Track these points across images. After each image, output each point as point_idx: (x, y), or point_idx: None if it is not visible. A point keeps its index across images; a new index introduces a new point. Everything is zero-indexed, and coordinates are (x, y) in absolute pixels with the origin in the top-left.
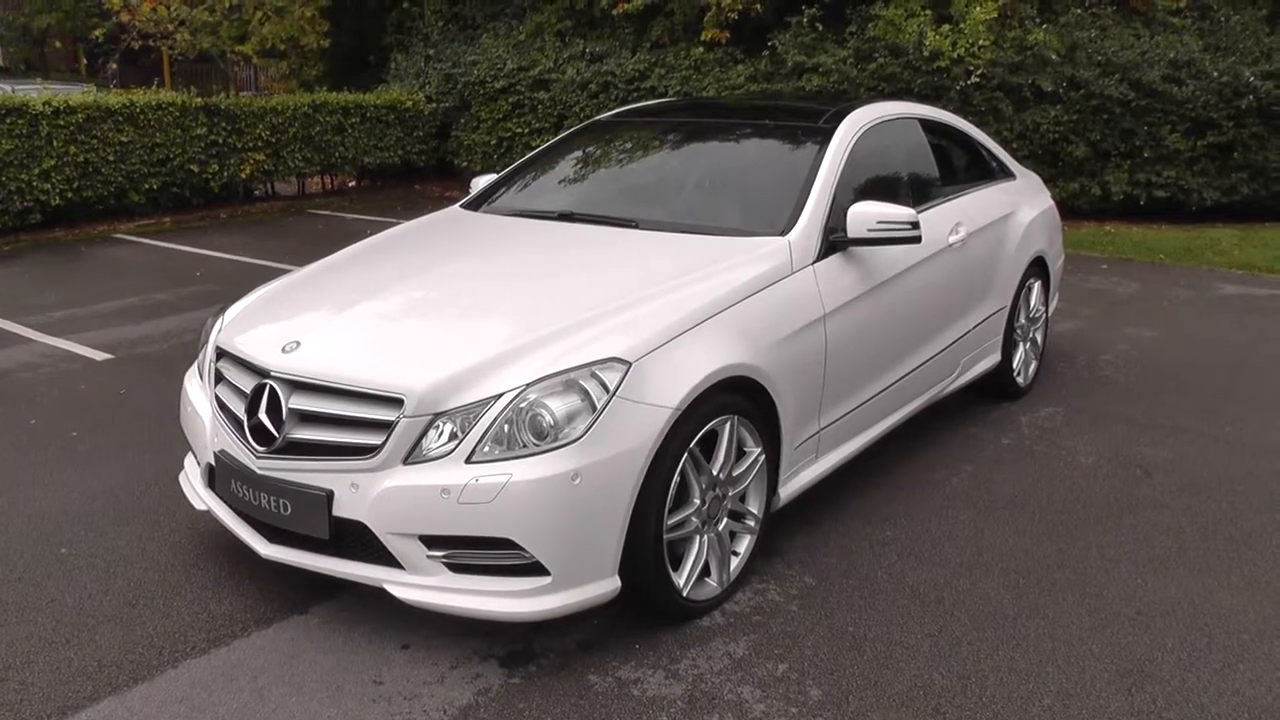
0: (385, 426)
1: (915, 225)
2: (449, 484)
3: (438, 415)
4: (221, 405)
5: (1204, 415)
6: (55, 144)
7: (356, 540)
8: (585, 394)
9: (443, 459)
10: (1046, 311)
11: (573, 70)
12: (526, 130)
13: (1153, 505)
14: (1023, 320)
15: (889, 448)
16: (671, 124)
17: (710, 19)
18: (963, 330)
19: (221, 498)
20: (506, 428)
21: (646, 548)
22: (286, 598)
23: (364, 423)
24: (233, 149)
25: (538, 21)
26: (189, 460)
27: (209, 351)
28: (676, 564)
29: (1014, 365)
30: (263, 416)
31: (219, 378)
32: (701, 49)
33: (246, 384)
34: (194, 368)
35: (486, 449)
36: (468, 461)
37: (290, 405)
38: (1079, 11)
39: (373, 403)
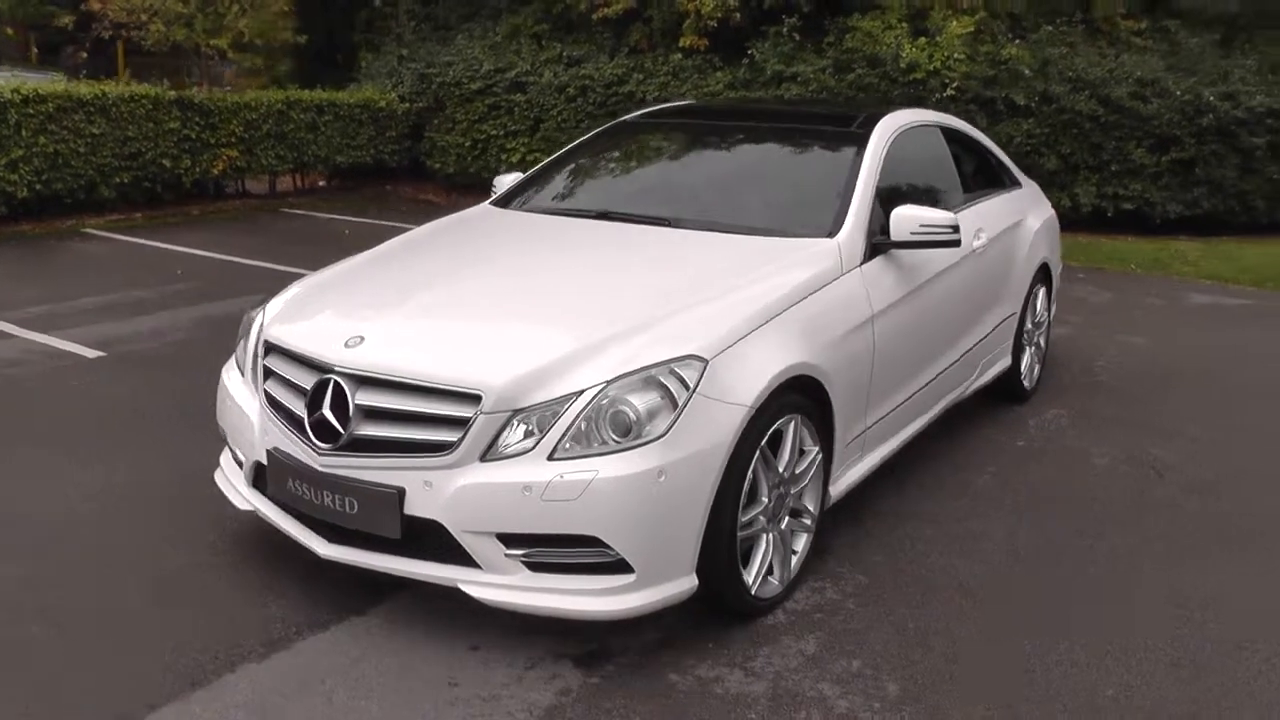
0: (461, 423)
1: (956, 229)
2: (531, 481)
3: (516, 412)
4: (273, 401)
5: (1201, 419)
6: (24, 133)
7: (428, 539)
8: (665, 391)
9: (522, 456)
10: (1049, 317)
11: (550, 73)
12: (502, 132)
13: (1170, 505)
14: (1029, 325)
15: (911, 449)
16: (702, 126)
17: (689, 26)
18: (982, 334)
19: (272, 497)
20: (588, 425)
21: (721, 545)
22: (339, 600)
23: (437, 419)
24: (206, 144)
25: (514, 24)
26: (225, 458)
27: (254, 346)
28: (744, 562)
29: (1022, 369)
30: (327, 413)
31: (267, 373)
32: (680, 55)
33: (305, 379)
34: (232, 363)
35: (568, 446)
36: (549, 459)
37: (357, 401)
38: (1050, 29)
39: (448, 399)
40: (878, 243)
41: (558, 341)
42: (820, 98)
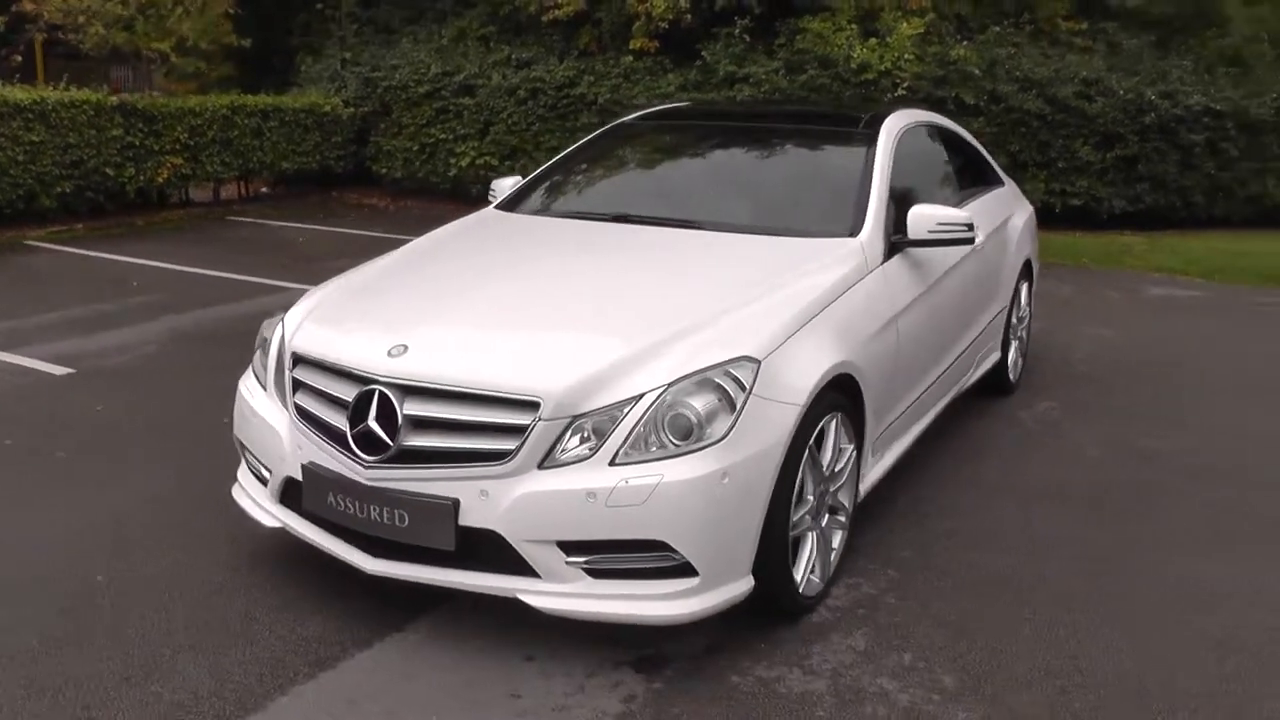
0: (518, 431)
1: (971, 227)
2: (595, 488)
3: (575, 418)
4: (305, 414)
5: (1183, 406)
6: None
7: (482, 550)
8: (723, 392)
9: (582, 462)
10: (1030, 312)
11: (499, 76)
12: (451, 136)
13: (1174, 492)
14: (1014, 320)
15: (916, 445)
16: (705, 127)
17: (639, 28)
18: (980, 329)
19: (306, 512)
20: (647, 429)
21: (775, 545)
22: (375, 616)
23: (492, 427)
24: (150, 151)
25: (460, 27)
26: (245, 474)
27: (276, 358)
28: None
29: (1009, 362)
30: (373, 424)
31: (296, 385)
32: (631, 58)
33: (345, 391)
34: (249, 375)
35: (629, 450)
36: (611, 464)
37: (405, 412)
38: (997, 29)
39: (503, 406)
40: (896, 241)
41: (610, 346)
42: (814, 98)
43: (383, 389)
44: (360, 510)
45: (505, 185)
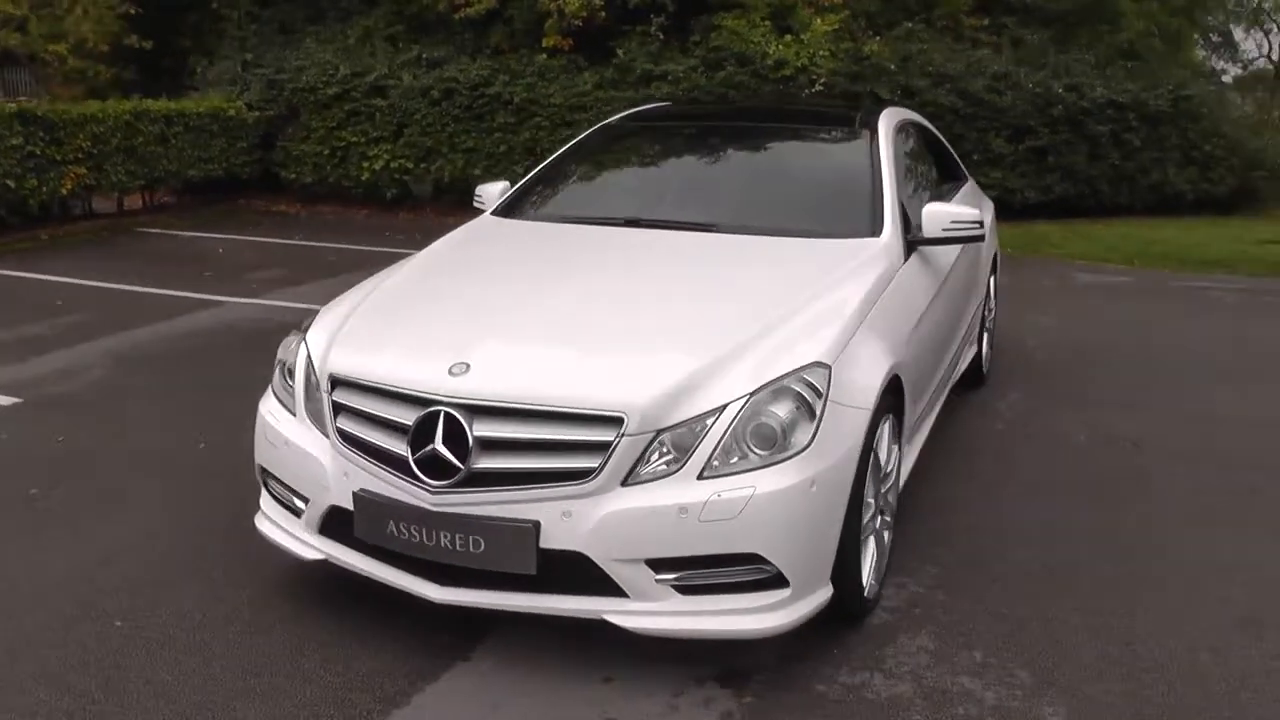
0: (601, 448)
1: (981, 224)
2: (687, 502)
3: (660, 432)
4: (351, 439)
5: (1147, 392)
6: None
7: (565, 572)
8: (801, 400)
9: (667, 478)
10: (995, 304)
11: (410, 76)
12: (363, 139)
13: (1165, 477)
14: (986, 313)
15: None
16: (701, 128)
17: (551, 26)
18: (967, 324)
19: (360, 543)
20: (732, 440)
21: (850, 550)
22: (431, 646)
23: (572, 445)
24: (51, 161)
25: (366, 26)
26: (271, 505)
27: (305, 380)
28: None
29: (983, 355)
30: (440, 448)
31: (337, 409)
32: (545, 56)
33: (403, 414)
34: (269, 400)
35: (717, 463)
36: (700, 478)
37: (476, 433)
38: (909, 25)
39: (583, 423)
40: (911, 240)
41: (684, 357)
42: (795, 95)
43: (448, 410)
44: (428, 537)
45: (493, 191)
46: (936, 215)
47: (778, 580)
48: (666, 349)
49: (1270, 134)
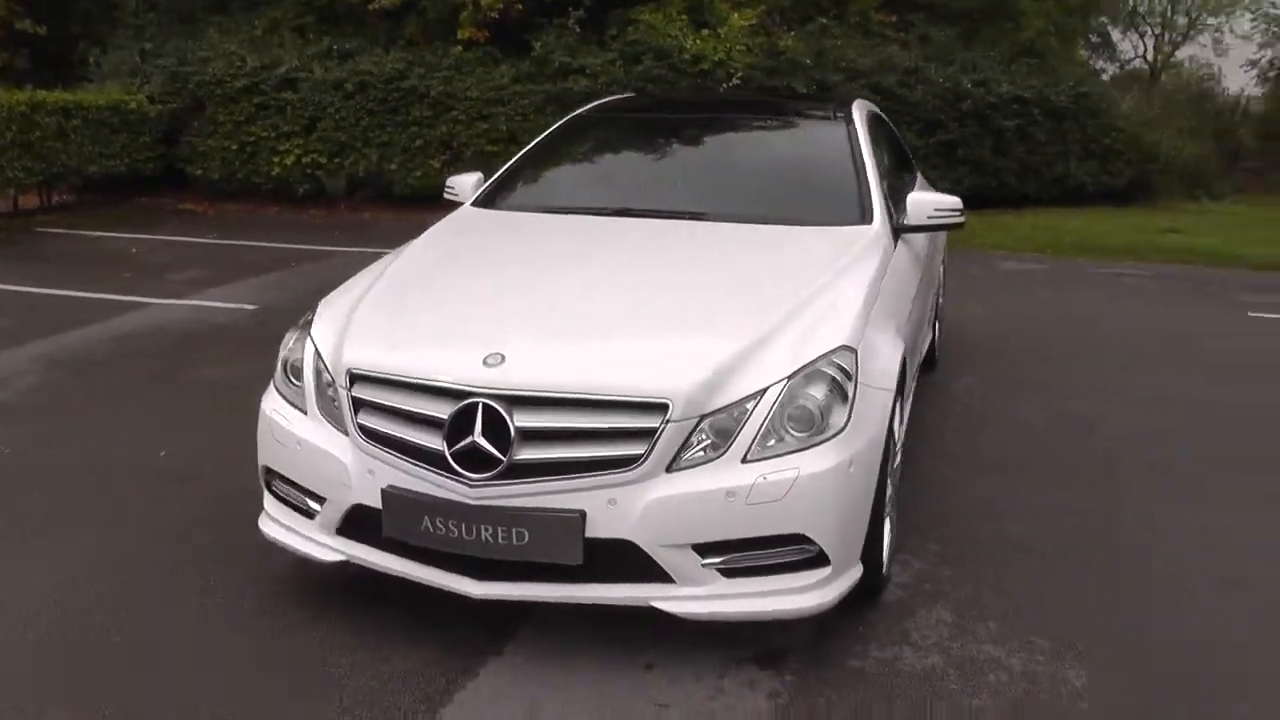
0: (645, 435)
1: (962, 211)
2: (734, 486)
3: (703, 417)
4: (374, 436)
5: (1091, 374)
6: None
7: (610, 561)
8: (833, 382)
9: (713, 462)
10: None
11: (321, 69)
12: (274, 134)
13: (1122, 454)
14: (940, 298)
15: None
16: (676, 117)
17: (466, 17)
18: (930, 308)
19: (385, 542)
20: (772, 424)
21: (876, 528)
22: (463, 643)
23: (616, 433)
24: None
25: (273, 17)
26: (277, 507)
27: (318, 378)
28: None
29: (935, 339)
30: (480, 440)
31: (357, 405)
32: (460, 48)
33: (436, 407)
34: (272, 398)
35: (759, 447)
36: (744, 461)
37: (517, 424)
38: (823, 21)
39: (628, 411)
40: (897, 227)
41: (721, 343)
42: (757, 85)
43: (487, 402)
44: (467, 532)
45: (467, 183)
46: (921, 203)
47: (819, 559)
48: (702, 335)
49: (1163, 130)
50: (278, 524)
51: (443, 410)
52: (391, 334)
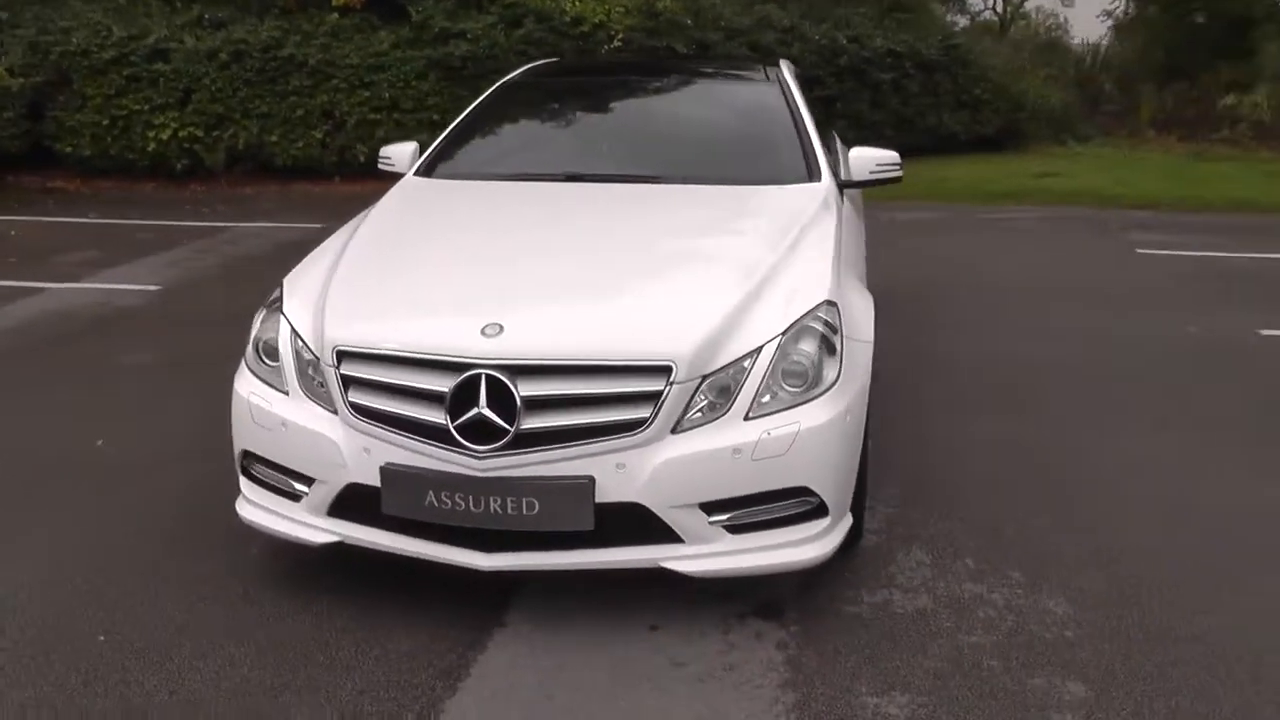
0: (651, 398)
1: (900, 165)
2: (740, 443)
3: (705, 378)
4: (367, 413)
5: (1003, 312)
6: None
7: (620, 525)
8: (821, 337)
9: (715, 421)
10: None
11: (192, 38)
12: (147, 107)
13: (1050, 386)
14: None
15: None
16: (609, 80)
17: None
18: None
19: (381, 520)
20: (769, 380)
21: (862, 478)
22: (463, 616)
23: (621, 397)
24: None
25: None
26: (257, 493)
27: (304, 355)
28: None
29: None
30: (486, 411)
31: (346, 383)
32: (336, 15)
33: (435, 381)
34: (247, 380)
35: (758, 404)
36: (746, 419)
37: (523, 393)
38: None
39: (632, 374)
40: (842, 183)
41: (713, 303)
42: (638, 46)
43: (490, 373)
44: (475, 504)
45: (404, 152)
46: (863, 158)
47: (819, 510)
48: (694, 296)
49: (1029, 78)
50: (259, 508)
51: (443, 383)
52: (376, 309)
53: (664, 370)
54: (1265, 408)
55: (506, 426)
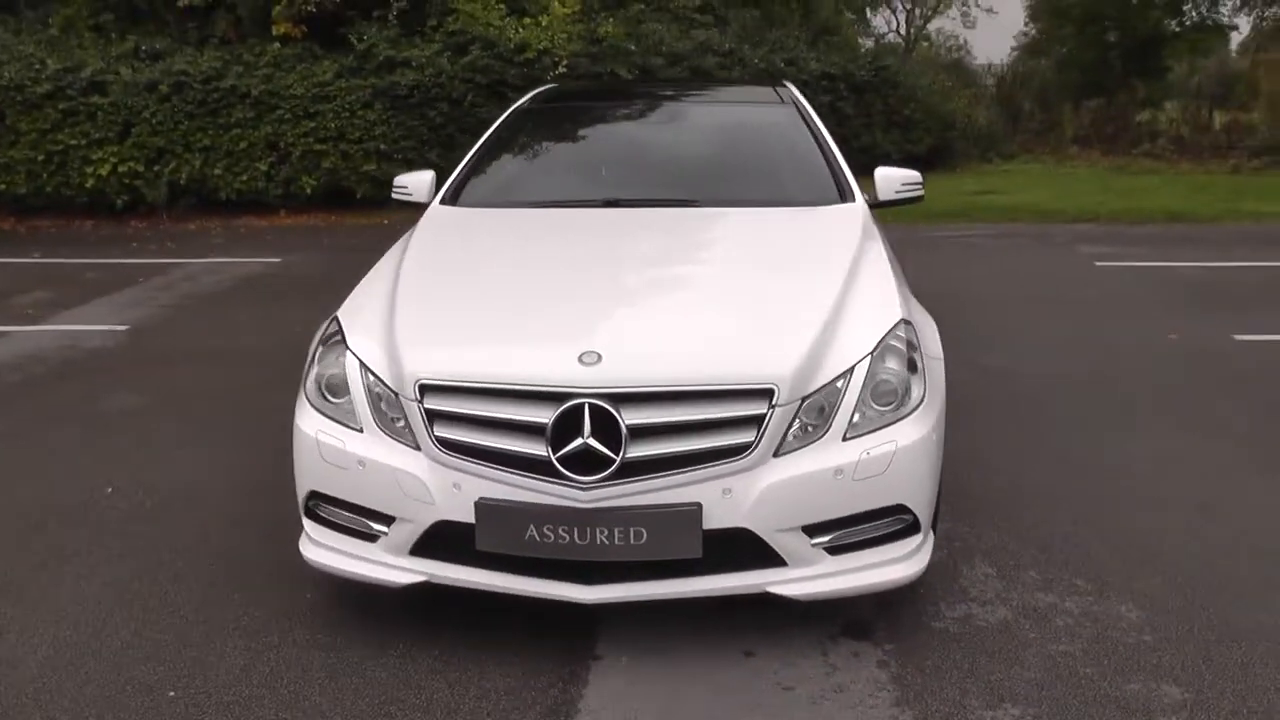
0: (754, 422)
1: (921, 184)
2: (842, 464)
3: (804, 399)
4: (457, 447)
5: (988, 328)
6: None
7: (726, 551)
8: (902, 355)
9: (815, 443)
10: None
11: (129, 70)
12: (84, 141)
13: (1046, 397)
14: None
15: None
16: (625, 106)
17: (280, 12)
18: None
19: (473, 556)
20: (861, 400)
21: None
22: (552, 650)
23: (725, 422)
24: None
25: (67, 15)
26: (324, 534)
27: (377, 391)
28: None
29: None
30: (591, 441)
31: (431, 417)
32: (277, 45)
33: (532, 412)
34: (318, 418)
35: (853, 424)
36: (844, 439)
37: (628, 421)
38: (640, 7)
39: (735, 399)
40: (872, 203)
41: (803, 325)
42: (582, 73)
43: (595, 401)
44: (580, 536)
45: (421, 181)
46: (890, 178)
47: (913, 528)
48: (783, 319)
49: (957, 99)
50: (329, 550)
51: (542, 414)
52: (456, 340)
53: (766, 393)
54: (1267, 410)
55: (612, 456)
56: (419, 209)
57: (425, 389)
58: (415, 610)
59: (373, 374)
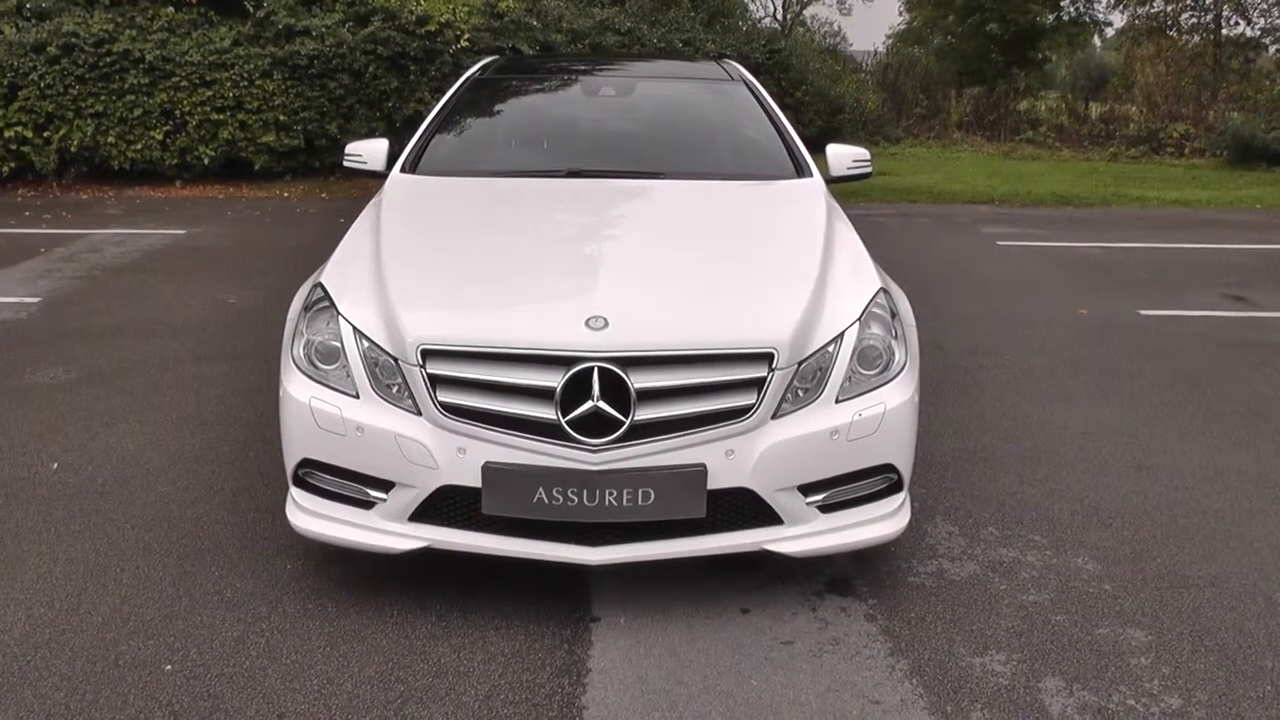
0: (755, 384)
1: (870, 161)
2: (836, 425)
3: (800, 363)
4: (462, 412)
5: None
6: None
7: (728, 510)
8: (883, 321)
9: (810, 405)
10: None
11: (12, 29)
12: None
13: (984, 369)
14: None
15: None
16: (579, 78)
17: None
18: None
19: (475, 521)
20: (851, 364)
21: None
22: (551, 613)
23: (728, 385)
24: None
25: None
26: (315, 502)
27: (373, 356)
28: None
29: None
30: (601, 404)
31: (433, 382)
32: (173, 10)
33: (541, 376)
34: (311, 385)
35: (845, 385)
36: (838, 401)
37: (636, 385)
38: None
39: (737, 362)
40: (827, 178)
41: (796, 292)
42: (484, 47)
43: (604, 365)
44: (589, 498)
45: (376, 150)
46: (841, 155)
47: (897, 486)
48: (778, 286)
49: (844, 83)
50: (320, 518)
51: (550, 378)
52: (456, 305)
53: (766, 357)
54: (1178, 379)
55: (622, 419)
56: (374, 178)
57: (427, 354)
58: (403, 578)
59: (368, 339)
